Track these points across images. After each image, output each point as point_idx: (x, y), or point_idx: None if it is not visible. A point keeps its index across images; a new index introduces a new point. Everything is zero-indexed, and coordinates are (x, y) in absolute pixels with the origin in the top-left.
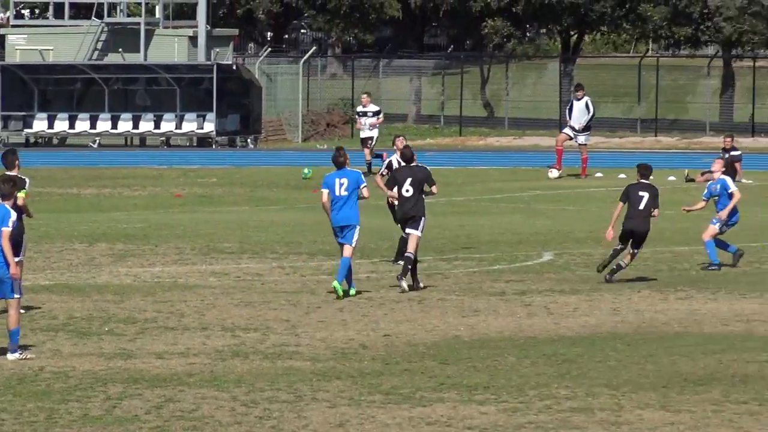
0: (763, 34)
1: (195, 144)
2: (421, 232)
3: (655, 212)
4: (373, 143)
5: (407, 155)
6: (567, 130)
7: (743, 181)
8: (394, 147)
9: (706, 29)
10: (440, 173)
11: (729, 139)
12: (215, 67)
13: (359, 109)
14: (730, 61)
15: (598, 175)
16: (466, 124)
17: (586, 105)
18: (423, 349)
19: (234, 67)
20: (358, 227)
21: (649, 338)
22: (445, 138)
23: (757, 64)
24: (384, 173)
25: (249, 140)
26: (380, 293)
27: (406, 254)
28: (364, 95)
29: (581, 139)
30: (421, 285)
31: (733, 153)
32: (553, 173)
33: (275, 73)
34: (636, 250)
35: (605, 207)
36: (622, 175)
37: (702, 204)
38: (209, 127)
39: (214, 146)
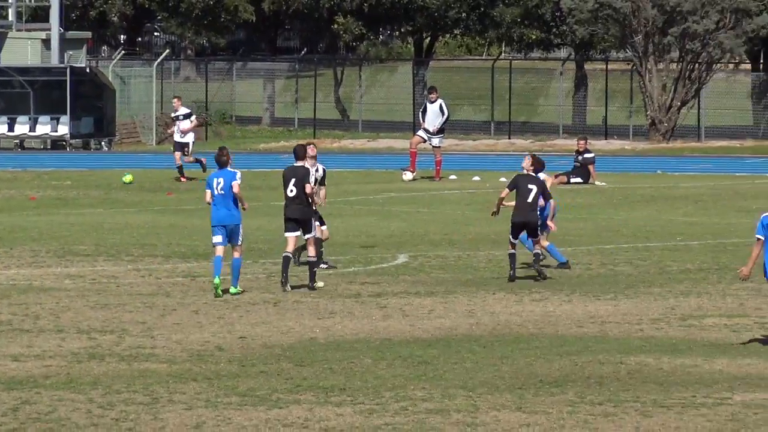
0: (615, 37)
1: (49, 147)
2: (313, 232)
3: (541, 202)
4: (191, 148)
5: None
6: (421, 133)
7: (597, 183)
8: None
9: (558, 32)
10: None
11: (582, 142)
12: (69, 69)
13: (173, 114)
14: (582, 63)
15: (452, 177)
16: (320, 126)
17: (440, 108)
18: (279, 351)
19: (88, 70)
20: (240, 226)
21: (504, 340)
22: (299, 140)
23: (610, 66)
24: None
25: (103, 143)
26: (235, 296)
27: (307, 258)
28: (175, 99)
29: (435, 141)
30: (317, 285)
31: (586, 155)
32: (407, 175)
33: (129, 75)
34: (536, 238)
35: (459, 209)
36: (476, 178)
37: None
38: (63, 129)
39: (68, 149)
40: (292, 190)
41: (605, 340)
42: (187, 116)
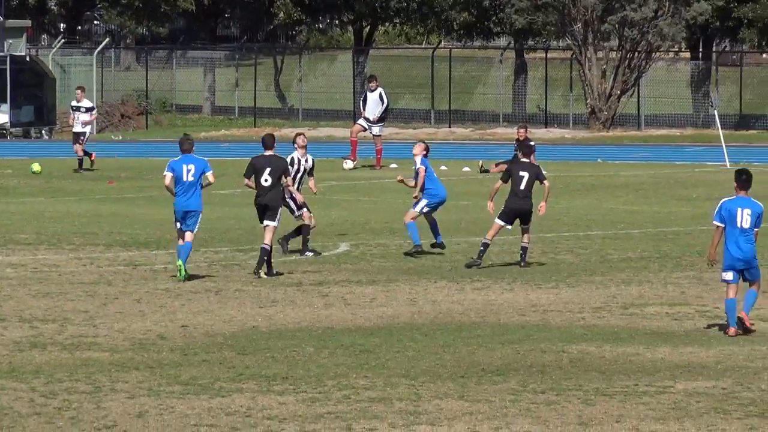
0: (555, 26)
1: None
2: (278, 222)
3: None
4: (86, 138)
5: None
6: (361, 121)
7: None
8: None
9: (497, 20)
10: (235, 164)
11: (523, 130)
12: (8, 58)
13: (73, 103)
14: (522, 52)
15: (393, 166)
16: (260, 115)
17: (380, 96)
18: (221, 340)
19: (27, 59)
20: (200, 213)
21: (446, 328)
22: (239, 129)
23: (549, 55)
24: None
25: (44, 131)
26: (177, 284)
27: (261, 246)
28: (78, 90)
29: (375, 130)
30: (275, 272)
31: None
32: (348, 164)
33: (69, 64)
34: (526, 226)
35: (400, 197)
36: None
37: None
38: (3, 118)
39: (8, 137)
40: (267, 180)
41: (547, 329)
42: (89, 110)
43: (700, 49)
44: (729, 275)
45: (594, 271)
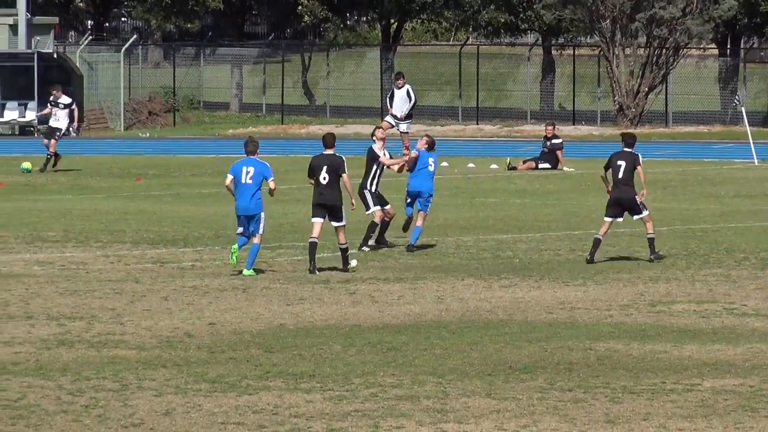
0: (583, 22)
1: (17, 133)
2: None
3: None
4: (61, 134)
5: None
6: (389, 119)
7: (565, 169)
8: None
9: (525, 17)
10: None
11: (550, 128)
12: (36, 55)
13: (52, 98)
14: (550, 49)
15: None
16: (287, 112)
17: (408, 93)
18: (248, 338)
19: (55, 56)
20: (262, 214)
21: (473, 326)
22: (267, 126)
23: (578, 52)
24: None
25: (72, 128)
26: (205, 281)
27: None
28: (54, 88)
29: (403, 127)
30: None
31: (554, 141)
32: None
33: (96, 61)
34: (640, 216)
35: None
36: (445, 164)
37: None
38: (31, 115)
39: (36, 134)
40: (325, 177)
41: (574, 327)
42: (67, 106)
43: (728, 46)
44: None
45: (622, 268)
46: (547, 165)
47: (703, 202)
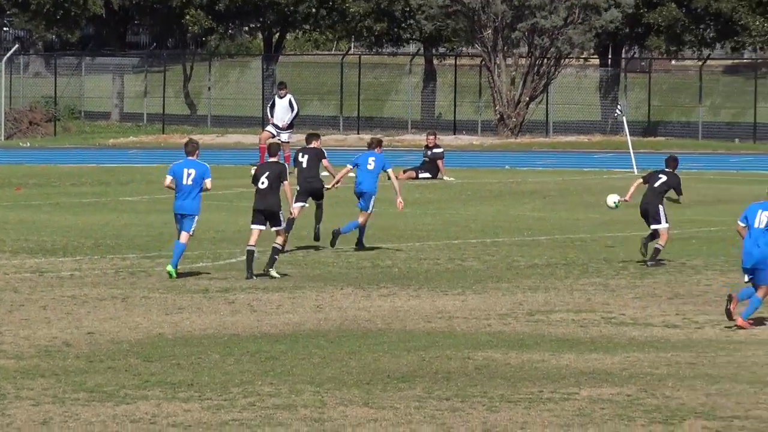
0: (464, 32)
1: None
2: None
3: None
4: None
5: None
6: (270, 128)
7: (445, 178)
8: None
9: (407, 27)
10: (143, 171)
11: (432, 137)
12: None
13: None
14: (431, 58)
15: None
16: (169, 122)
17: (290, 103)
18: (127, 347)
19: None
20: (196, 217)
21: (352, 335)
22: (148, 136)
23: (459, 62)
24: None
25: None
26: (83, 291)
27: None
28: None
29: (284, 137)
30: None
31: (435, 150)
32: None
33: None
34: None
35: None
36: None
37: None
38: None
39: None
40: (264, 183)
41: (453, 336)
42: None
43: (609, 56)
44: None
45: (500, 277)
46: (427, 174)
47: (582, 211)
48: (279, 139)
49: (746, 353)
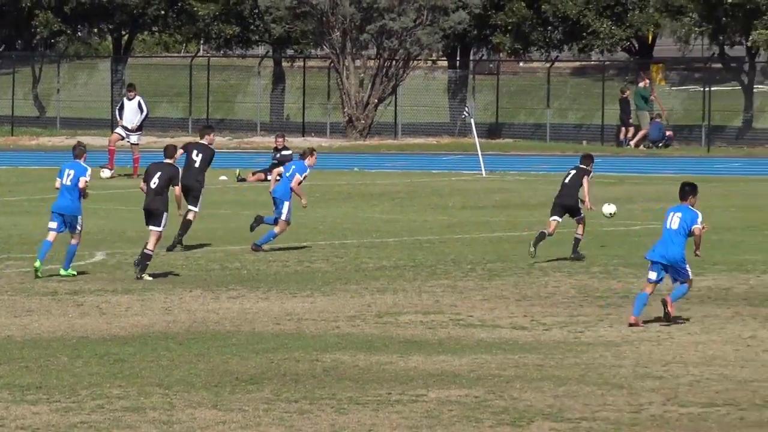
0: (313, 34)
1: None
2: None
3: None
4: None
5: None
6: (119, 130)
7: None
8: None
9: (256, 28)
10: None
11: (281, 139)
12: None
13: None
14: (280, 60)
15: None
16: (18, 123)
17: (139, 105)
18: None
19: None
20: (79, 217)
21: (200, 337)
22: None
23: (308, 64)
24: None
25: None
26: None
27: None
28: None
29: (133, 138)
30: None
31: (284, 152)
32: (105, 173)
33: None
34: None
35: None
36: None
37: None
38: None
39: None
40: (155, 182)
41: (301, 338)
42: None
43: (458, 58)
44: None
45: (349, 279)
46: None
47: (430, 213)
48: (128, 141)
49: (593, 355)
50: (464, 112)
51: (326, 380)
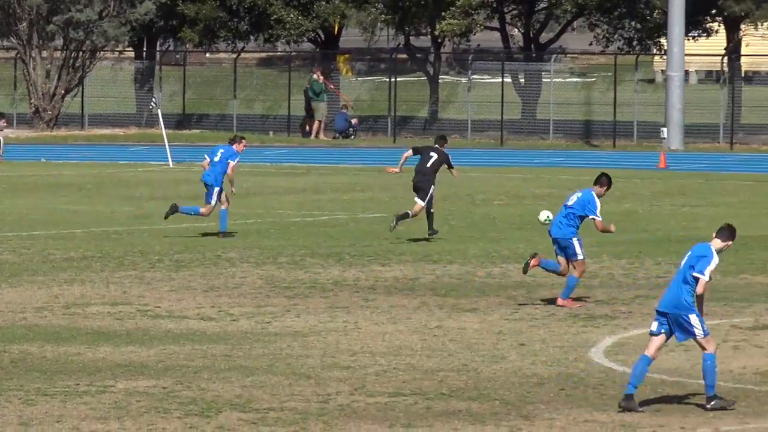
0: (0, 25)
1: None
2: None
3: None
4: None
5: None
6: None
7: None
8: None
9: None
10: None
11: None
12: None
13: None
14: None
15: None
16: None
17: None
18: None
19: None
20: None
21: None
22: None
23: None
24: None
25: None
26: None
27: None
28: None
29: None
30: None
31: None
32: None
33: None
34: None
35: None
36: None
37: None
38: None
39: None
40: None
41: None
42: None
43: (145, 48)
44: None
45: (36, 270)
46: None
47: (118, 204)
48: None
49: (281, 345)
50: (151, 103)
51: (14, 371)
